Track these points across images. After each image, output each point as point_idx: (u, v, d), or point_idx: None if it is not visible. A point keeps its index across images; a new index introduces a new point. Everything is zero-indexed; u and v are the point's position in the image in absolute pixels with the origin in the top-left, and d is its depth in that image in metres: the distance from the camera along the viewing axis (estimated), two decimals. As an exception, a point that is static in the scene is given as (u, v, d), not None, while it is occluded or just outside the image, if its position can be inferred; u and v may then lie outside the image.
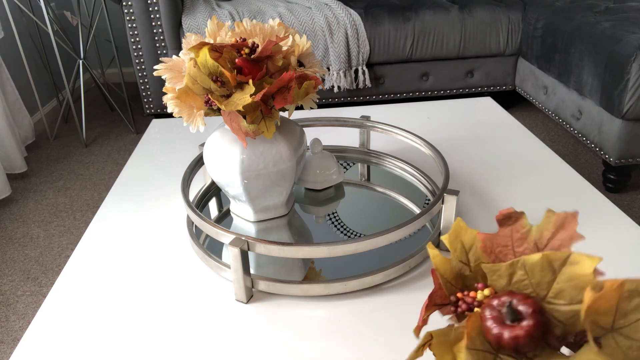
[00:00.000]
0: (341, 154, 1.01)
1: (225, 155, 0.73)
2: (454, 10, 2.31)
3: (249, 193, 0.75)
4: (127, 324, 0.63)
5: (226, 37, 0.71)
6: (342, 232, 0.79)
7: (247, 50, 0.64)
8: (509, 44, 2.38)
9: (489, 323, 0.37)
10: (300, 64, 0.73)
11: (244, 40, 0.67)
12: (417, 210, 0.83)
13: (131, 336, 0.61)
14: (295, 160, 0.76)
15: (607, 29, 1.75)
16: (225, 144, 0.74)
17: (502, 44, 2.38)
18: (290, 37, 0.71)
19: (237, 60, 0.64)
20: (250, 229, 0.80)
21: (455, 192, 0.72)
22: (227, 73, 0.64)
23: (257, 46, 0.65)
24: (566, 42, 1.99)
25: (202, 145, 0.92)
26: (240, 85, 0.65)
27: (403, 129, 0.92)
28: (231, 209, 0.83)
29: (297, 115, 1.19)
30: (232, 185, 0.75)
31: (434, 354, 0.38)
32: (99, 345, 0.60)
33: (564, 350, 0.47)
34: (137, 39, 2.24)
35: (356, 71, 2.29)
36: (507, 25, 2.34)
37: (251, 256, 0.74)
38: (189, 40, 0.71)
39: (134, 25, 2.21)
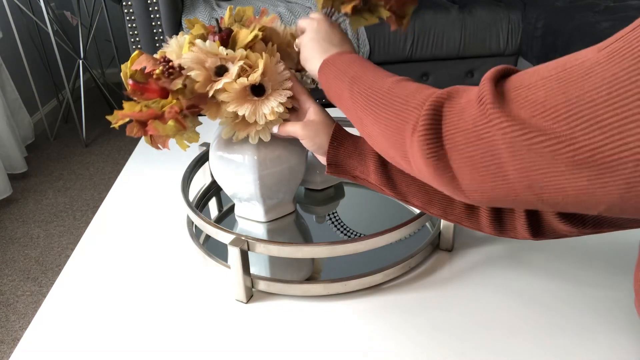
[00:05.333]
0: (341, 154, 1.01)
1: (238, 158, 0.73)
2: (454, 10, 2.31)
3: (263, 193, 0.75)
4: (127, 324, 0.63)
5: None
6: (342, 232, 0.79)
7: (158, 71, 0.61)
8: (509, 43, 2.38)
9: None
10: (257, 87, 0.64)
11: (167, 61, 0.62)
12: (417, 210, 0.83)
13: (131, 336, 0.61)
14: (304, 155, 0.77)
15: (606, 29, 1.75)
16: (235, 147, 0.73)
17: (502, 44, 2.38)
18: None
19: (130, 81, 0.62)
20: (259, 230, 0.80)
21: (455, 192, 0.72)
22: (126, 85, 0.64)
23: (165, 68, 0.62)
24: (566, 42, 1.99)
25: (203, 145, 0.92)
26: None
27: (403, 129, 0.92)
28: (236, 212, 0.83)
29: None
30: (245, 187, 0.75)
31: None
32: (99, 345, 0.60)
33: None
34: (137, 39, 2.24)
35: (356, 71, 2.29)
36: (507, 25, 2.34)
37: (260, 256, 0.74)
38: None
39: (134, 25, 2.20)
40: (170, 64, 0.62)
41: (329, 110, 1.25)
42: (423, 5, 2.33)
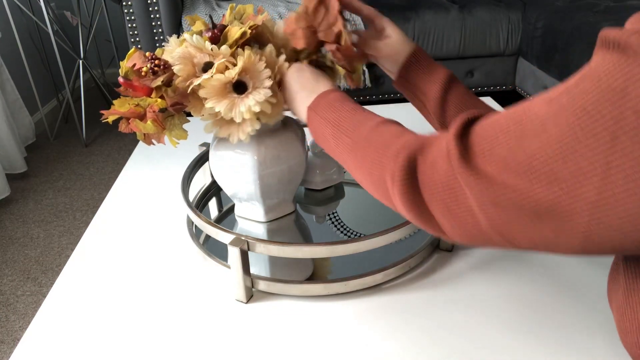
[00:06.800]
0: (341, 154, 1.01)
1: (238, 158, 0.73)
2: (454, 10, 2.31)
3: (263, 193, 0.75)
4: (127, 324, 0.63)
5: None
6: (342, 232, 0.79)
7: (145, 69, 0.62)
8: (509, 43, 2.38)
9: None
10: (240, 84, 0.64)
11: (154, 58, 0.63)
12: (417, 210, 0.83)
13: (131, 336, 0.61)
14: (304, 155, 0.77)
15: (607, 29, 1.75)
16: (235, 147, 0.73)
17: (502, 44, 2.38)
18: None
19: (120, 79, 0.64)
20: (259, 230, 0.80)
21: (455, 192, 0.72)
22: (122, 84, 0.64)
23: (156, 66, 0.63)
24: (566, 42, 1.99)
25: (202, 145, 0.92)
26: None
27: (403, 129, 0.92)
28: (236, 212, 0.83)
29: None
30: (245, 187, 0.74)
31: None
32: (99, 345, 0.60)
33: None
34: (137, 39, 2.24)
35: (356, 71, 2.29)
36: (507, 25, 2.34)
37: (260, 256, 0.74)
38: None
39: (134, 25, 2.20)
40: (157, 61, 0.62)
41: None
42: (423, 5, 2.33)
